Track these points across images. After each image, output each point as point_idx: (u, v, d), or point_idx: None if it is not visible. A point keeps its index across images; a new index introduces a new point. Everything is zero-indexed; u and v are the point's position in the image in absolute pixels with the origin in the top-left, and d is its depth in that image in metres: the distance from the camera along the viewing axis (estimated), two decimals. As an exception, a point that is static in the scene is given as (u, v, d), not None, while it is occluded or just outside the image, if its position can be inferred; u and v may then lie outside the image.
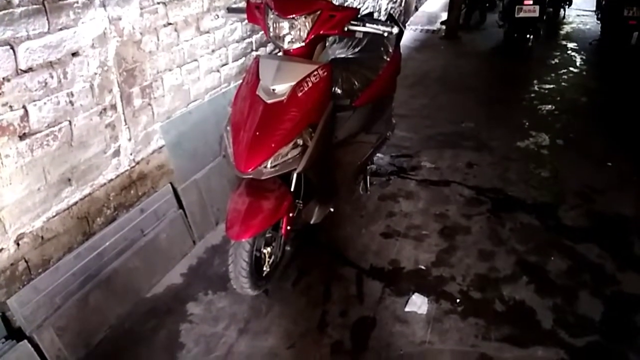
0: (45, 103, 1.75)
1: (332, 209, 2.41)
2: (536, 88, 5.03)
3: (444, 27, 7.01)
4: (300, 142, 1.94)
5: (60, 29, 1.76)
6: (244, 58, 3.01)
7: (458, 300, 2.24)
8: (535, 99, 4.75)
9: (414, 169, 3.37)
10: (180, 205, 2.51)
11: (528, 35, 5.82)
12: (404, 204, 2.97)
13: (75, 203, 1.97)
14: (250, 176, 1.88)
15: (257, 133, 1.87)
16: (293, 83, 1.92)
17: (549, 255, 2.53)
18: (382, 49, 2.80)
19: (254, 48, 3.11)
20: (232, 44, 2.88)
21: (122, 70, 2.09)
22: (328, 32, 2.02)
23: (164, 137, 2.41)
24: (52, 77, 1.76)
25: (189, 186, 2.52)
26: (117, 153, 2.15)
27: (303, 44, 2.00)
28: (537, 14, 5.64)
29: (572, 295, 2.27)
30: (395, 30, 2.06)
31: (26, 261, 1.79)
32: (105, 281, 2.04)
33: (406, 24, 7.40)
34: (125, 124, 2.16)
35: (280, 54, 2.12)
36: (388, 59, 2.79)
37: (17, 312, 1.75)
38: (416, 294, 2.27)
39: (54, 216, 1.87)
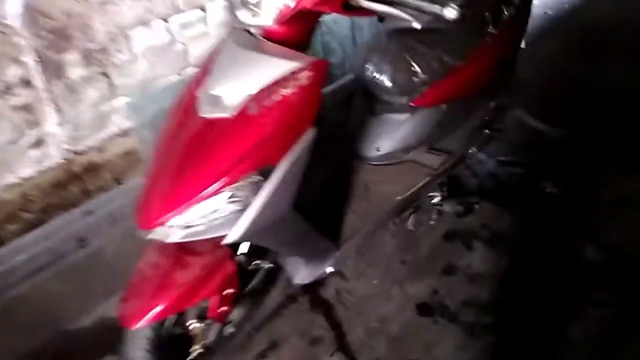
0: None
1: (331, 269, 1.58)
2: None
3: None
4: (239, 195, 1.14)
5: None
6: None
7: None
8: None
9: (524, 191, 2.22)
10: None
11: None
12: (478, 254, 1.95)
13: (-39, 212, 1.50)
14: (149, 237, 1.18)
15: (176, 168, 1.14)
16: (251, 91, 1.11)
17: None
18: (486, 12, 1.67)
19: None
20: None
21: (41, 32, 1.44)
22: (318, 8, 1.09)
23: (132, 116, 1.77)
24: None
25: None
26: (39, 143, 1.59)
27: (279, 23, 1.12)
28: None
29: None
30: (452, 14, 1.04)
31: None
32: (7, 309, 1.60)
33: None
34: (53, 104, 1.56)
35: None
36: (495, 32, 1.67)
37: None
38: None
39: None
